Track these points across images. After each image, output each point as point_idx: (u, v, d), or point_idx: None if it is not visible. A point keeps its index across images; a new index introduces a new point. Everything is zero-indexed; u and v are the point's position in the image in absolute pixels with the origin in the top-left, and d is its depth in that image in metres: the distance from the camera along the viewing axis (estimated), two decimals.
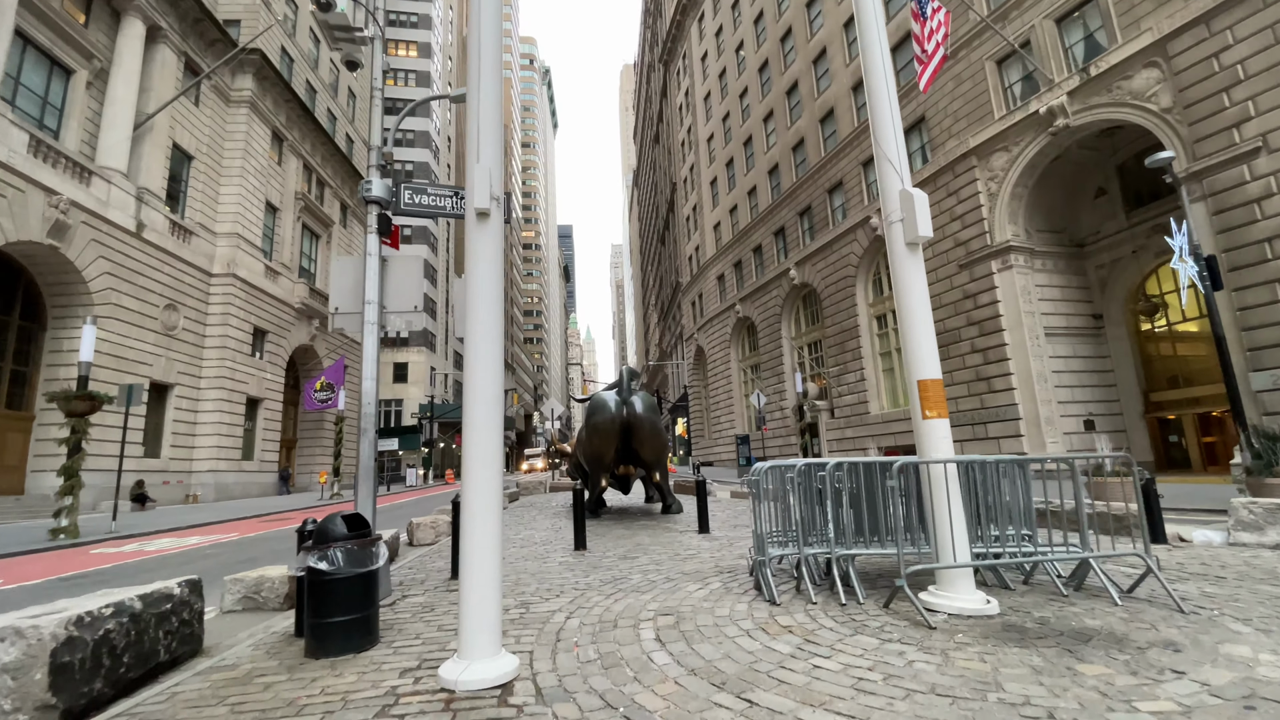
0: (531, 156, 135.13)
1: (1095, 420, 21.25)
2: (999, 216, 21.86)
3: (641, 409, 9.62)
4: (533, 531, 9.23)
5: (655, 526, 8.99)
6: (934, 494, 4.11)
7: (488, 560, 3.24)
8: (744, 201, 40.65)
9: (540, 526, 9.80)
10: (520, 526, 10.02)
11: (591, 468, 10.08)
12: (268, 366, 29.43)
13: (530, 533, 9.12)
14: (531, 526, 9.84)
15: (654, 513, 10.89)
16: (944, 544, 4.01)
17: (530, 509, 13.54)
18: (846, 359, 29.42)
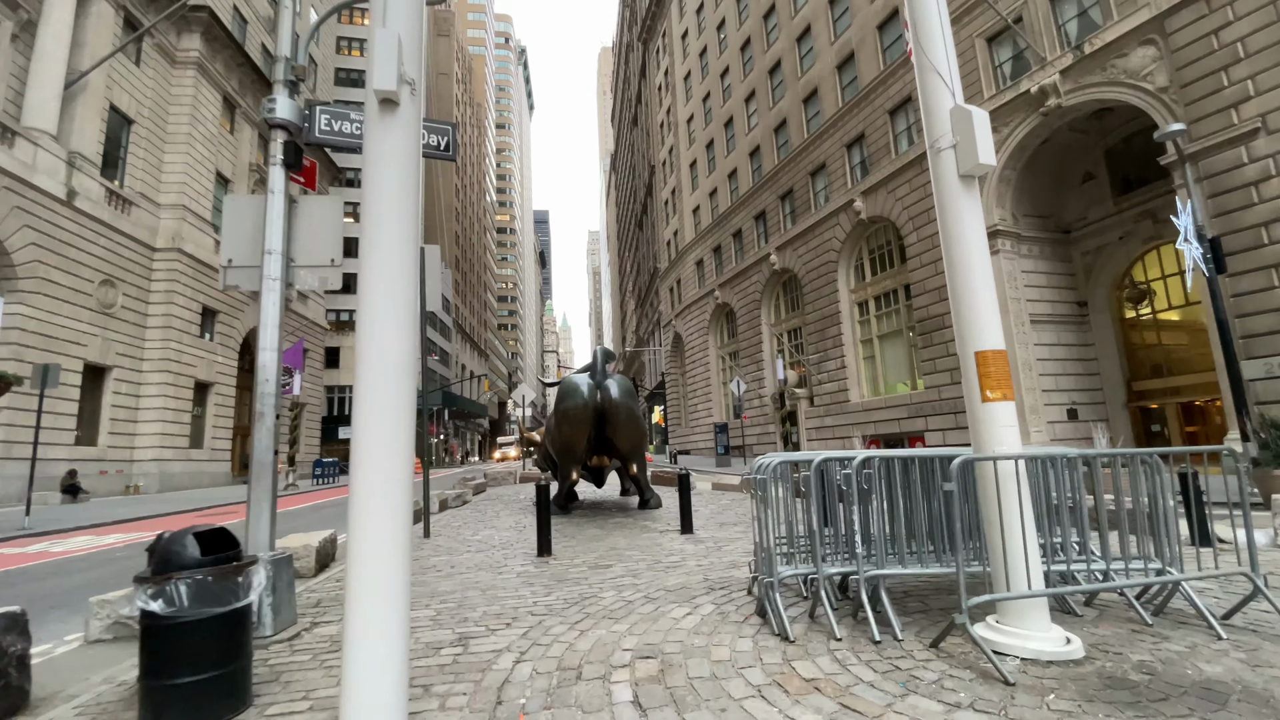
0: (506, 138, 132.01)
1: (1078, 409, 20.92)
2: (986, 199, 21.21)
3: (617, 394, 8.61)
4: (493, 531, 8.16)
5: (632, 525, 8.00)
6: (1003, 499, 3.17)
7: (385, 621, 2.18)
8: (724, 185, 39.66)
9: (502, 525, 8.73)
10: (480, 524, 8.95)
11: (561, 459, 9.04)
12: (219, 349, 27.61)
13: (490, 533, 8.05)
14: (492, 524, 8.77)
15: (630, 508, 9.91)
16: (1014, 564, 3.08)
17: (495, 503, 12.46)
18: (827, 346, 28.78)
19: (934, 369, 22.81)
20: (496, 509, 11.01)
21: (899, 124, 25.30)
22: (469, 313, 79.97)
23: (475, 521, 9.24)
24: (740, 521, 7.86)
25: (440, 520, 9.66)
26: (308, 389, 35.45)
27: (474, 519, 9.59)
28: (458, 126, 59.94)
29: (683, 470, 7.19)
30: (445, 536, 7.81)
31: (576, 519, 8.75)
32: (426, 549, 6.91)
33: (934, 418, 22.80)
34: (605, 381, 8.76)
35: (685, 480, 7.11)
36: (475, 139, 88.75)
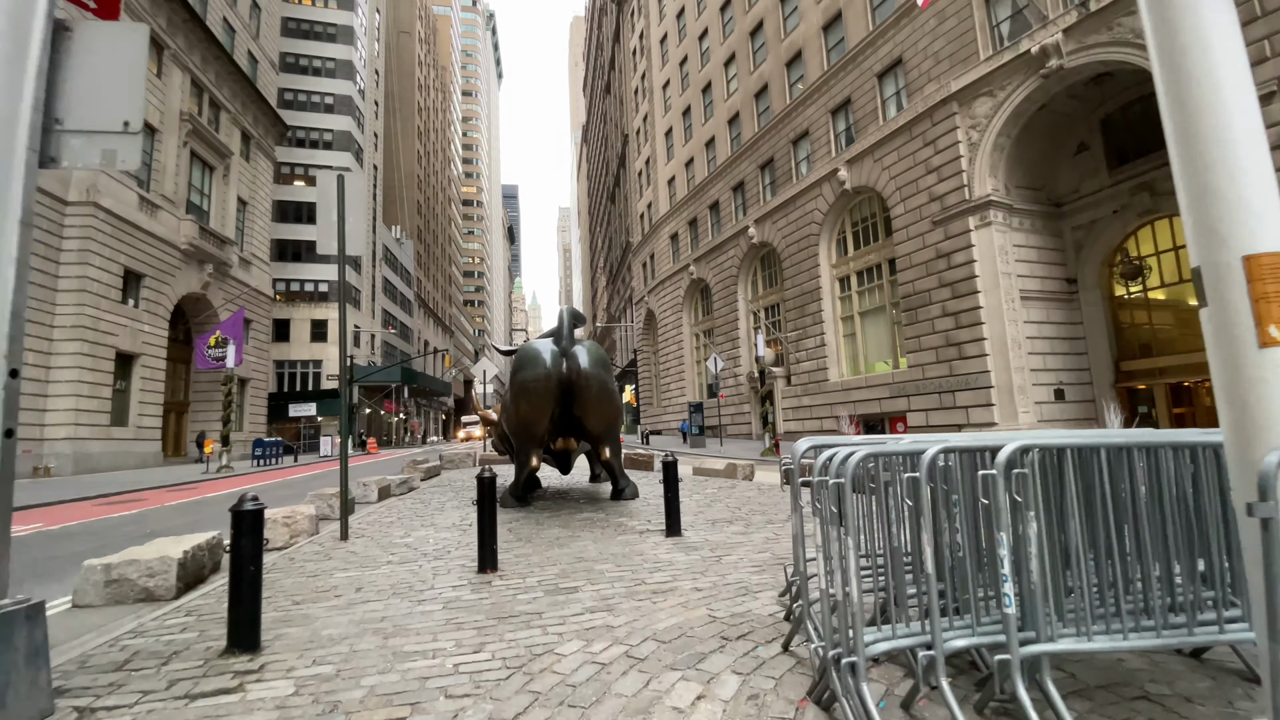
0: (473, 106, 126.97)
1: (1065, 390, 20.23)
2: (979, 169, 20.11)
3: (587, 363, 7.06)
4: (430, 530, 6.57)
5: (605, 522, 6.51)
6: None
7: None
8: (701, 154, 37.94)
9: (445, 521, 7.14)
10: (418, 520, 7.35)
11: (519, 441, 7.47)
12: (145, 317, 24.98)
13: (426, 532, 6.46)
14: (432, 521, 7.17)
15: (601, 498, 8.42)
16: None
17: (444, 490, 10.84)
18: (806, 323, 27.65)
19: (918, 347, 21.84)
20: (444, 498, 9.41)
21: (888, 88, 23.95)
22: (432, 287, 76.86)
23: (414, 515, 7.63)
24: (735, 518, 6.44)
25: (371, 514, 8.02)
26: (250, 363, 32.87)
27: (413, 512, 7.98)
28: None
29: (668, 456, 5.69)
30: (368, 538, 6.20)
31: (537, 513, 7.22)
32: (336, 558, 5.30)
33: (917, 398, 21.89)
34: (573, 348, 7.20)
35: (672, 470, 5.62)
36: (439, 104, 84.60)
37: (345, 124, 47.08)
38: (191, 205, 29.06)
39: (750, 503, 7.55)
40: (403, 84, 66.45)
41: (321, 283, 44.34)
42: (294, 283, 44.13)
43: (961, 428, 20.08)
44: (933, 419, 21.25)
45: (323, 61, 47.51)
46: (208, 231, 28.77)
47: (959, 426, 20.20)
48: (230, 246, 30.71)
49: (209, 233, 28.88)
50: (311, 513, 6.92)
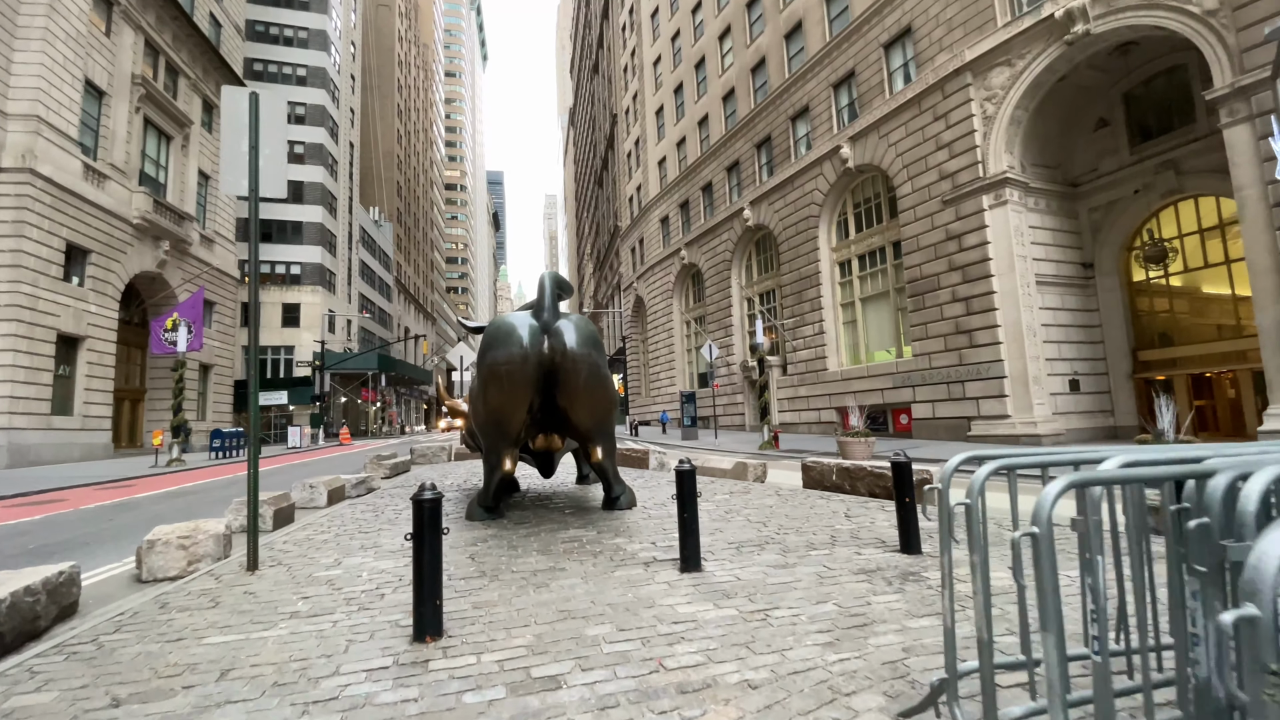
0: (456, 88, 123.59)
1: (1080, 380, 19.13)
2: (994, 144, 18.81)
3: (574, 341, 5.60)
4: (369, 555, 5.08)
5: (598, 546, 5.06)
6: None
7: None
8: (693, 133, 36.31)
9: (392, 541, 5.62)
10: (362, 536, 5.85)
11: (489, 439, 5.99)
12: (91, 296, 22.95)
13: (363, 558, 4.97)
14: (377, 540, 5.65)
15: (591, 506, 6.96)
16: None
17: (408, 492, 9.30)
18: (804, 310, 26.34)
19: (925, 334, 20.60)
20: (403, 505, 7.91)
21: (895, 59, 22.53)
22: (413, 272, 74.52)
23: (358, 530, 6.12)
24: (764, 539, 5.02)
25: (308, 527, 6.52)
26: (214, 348, 30.87)
27: (359, 525, 6.47)
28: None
29: (684, 463, 4.23)
30: (284, 567, 4.69)
31: (510, 529, 5.73)
32: (225, 605, 3.80)
33: (923, 388, 20.69)
34: (557, 323, 5.72)
35: (688, 481, 4.17)
36: (421, 82, 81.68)
37: (319, 98, 44.68)
38: (146, 177, 26.91)
39: (774, 514, 6.14)
40: (381, 59, 63.74)
41: (294, 264, 42.14)
42: (264, 264, 41.86)
43: (971, 420, 18.92)
44: (940, 410, 20.08)
45: (295, 30, 44.95)
46: (164, 205, 26.66)
47: (968, 419, 19.05)
48: (190, 223, 28.60)
49: (165, 207, 26.77)
50: (219, 530, 5.38)
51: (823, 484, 7.63)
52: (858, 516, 5.89)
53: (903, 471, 4.57)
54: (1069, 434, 18.08)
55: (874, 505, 6.47)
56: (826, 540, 4.96)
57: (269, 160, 5.25)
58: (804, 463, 7.92)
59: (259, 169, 5.15)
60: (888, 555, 4.43)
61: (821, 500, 6.89)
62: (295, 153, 43.26)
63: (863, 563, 4.24)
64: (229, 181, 5.17)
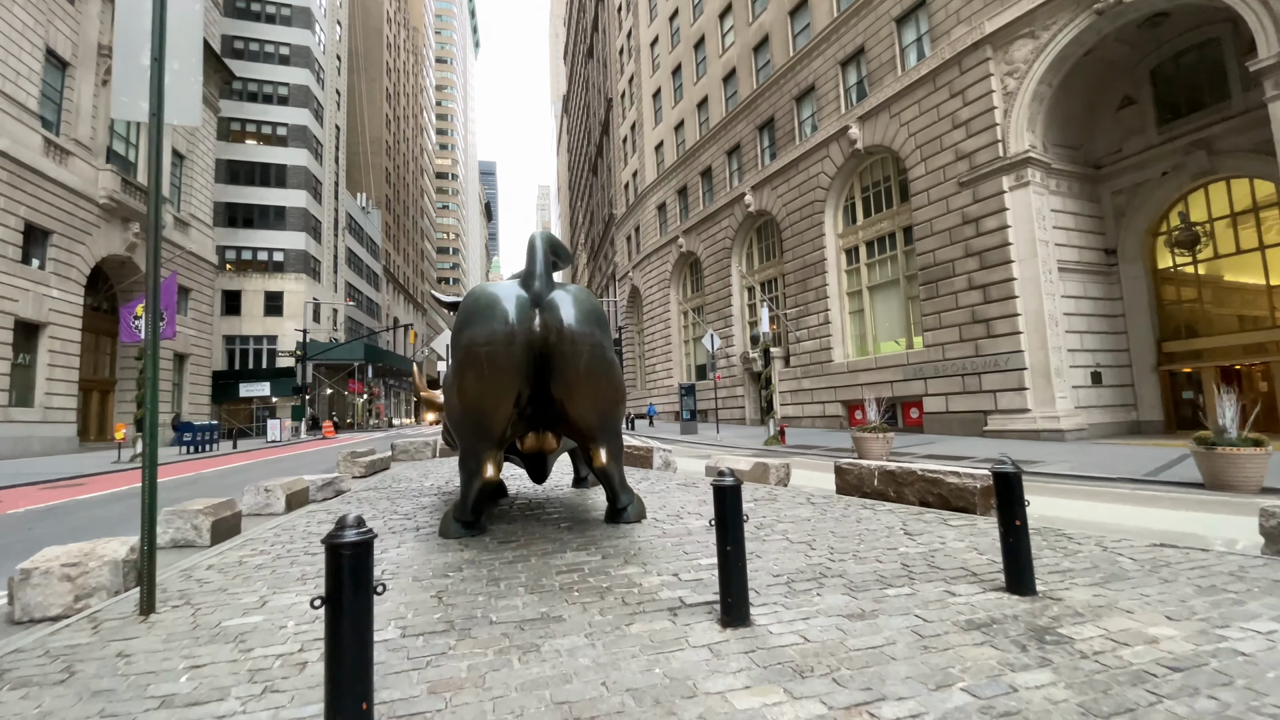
0: (447, 74, 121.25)
1: (1102, 372, 18.16)
2: (1016, 122, 17.71)
3: (574, 317, 4.47)
4: (302, 592, 3.93)
5: (605, 579, 3.92)
6: None
7: None
8: (692, 116, 35.02)
9: None
10: (301, 561, 4.70)
11: (465, 438, 4.85)
12: (53, 280, 21.52)
13: (295, 596, 3.82)
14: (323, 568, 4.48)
15: (592, 519, 5.84)
16: None
17: (381, 497, 8.19)
18: (808, 299, 25.25)
19: (938, 324, 19.57)
20: (375, 512, 6.76)
21: (908, 33, 21.36)
22: (403, 261, 72.88)
23: (306, 549, 4.96)
24: (820, 570, 3.92)
25: (246, 543, 5.37)
26: (189, 337, 29.44)
27: (312, 539, 5.33)
28: None
29: (728, 477, 3.08)
30: (193, 609, 3.54)
31: (493, 553, 4.61)
32: (78, 679, 2.65)
33: (935, 380, 19.68)
34: (552, 294, 4.58)
35: (731, 502, 3.02)
36: (411, 67, 79.64)
37: (303, 77, 42.96)
38: (114, 154, 25.40)
39: (818, 531, 5.02)
40: (369, 41, 61.83)
41: (276, 251, 40.58)
42: (245, 251, 40.31)
43: (988, 414, 17.94)
44: (954, 404, 19.09)
45: (277, 7, 43.15)
46: (133, 185, 25.17)
47: (984, 413, 18.06)
48: (163, 204, 27.05)
49: (135, 186, 25.28)
50: (119, 555, 4.21)
51: (861, 489, 6.53)
52: (921, 535, 4.79)
53: (1011, 485, 3.45)
54: (1091, 429, 17.13)
55: (932, 519, 5.38)
56: (899, 571, 3.85)
57: (178, 78, 4.05)
58: (838, 464, 6.82)
59: (164, 88, 3.95)
60: (993, 598, 3.32)
61: (866, 511, 5.79)
62: (278, 134, 41.61)
63: (965, 609, 3.14)
64: (123, 104, 3.97)
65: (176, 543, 5.96)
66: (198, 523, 5.99)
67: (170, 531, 6.01)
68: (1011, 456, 3.82)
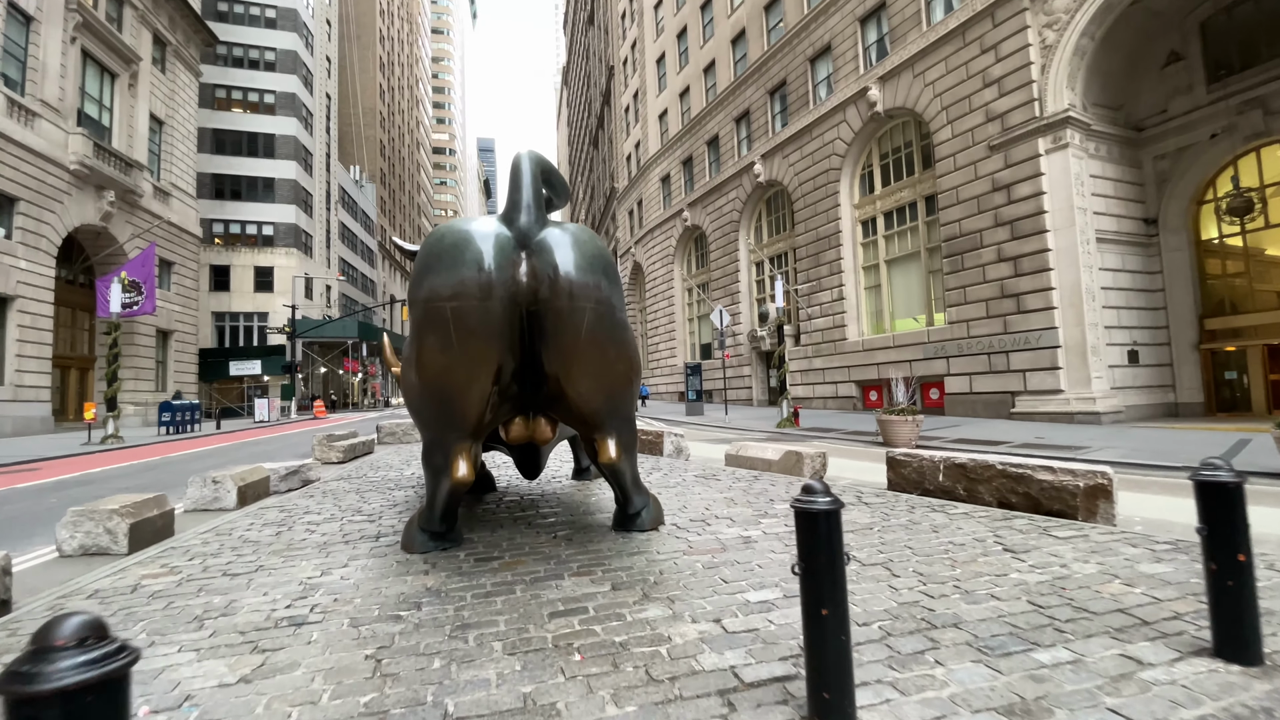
0: (444, 46, 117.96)
1: (1139, 350, 16.99)
2: (1054, 78, 16.28)
3: (571, 263, 3.29)
4: (170, 653, 2.77)
5: (615, 634, 2.76)
6: None
7: None
8: (698, 82, 33.34)
9: (261, 603, 3.35)
10: (213, 589, 3.57)
11: (431, 426, 3.68)
12: (21, 250, 20.26)
13: (166, 659, 2.66)
14: (232, 603, 3.36)
15: (597, 524, 4.73)
16: None
17: (352, 488, 7.11)
18: (822, 274, 23.98)
19: (963, 299, 18.35)
20: (333, 513, 5.66)
21: None
22: (399, 237, 71.21)
23: (227, 570, 3.84)
24: (923, 609, 2.79)
25: (166, 555, 4.29)
26: (173, 312, 28.21)
27: (242, 553, 4.22)
28: None
29: (820, 495, 1.91)
30: None
31: (466, 574, 3.49)
32: None
33: (958, 359, 18.51)
34: (544, 233, 3.40)
35: (826, 531, 1.87)
36: (406, 35, 77.05)
37: (290, 42, 41.05)
38: (86, 118, 23.94)
39: (890, 545, 3.88)
40: (361, 6, 59.50)
41: (266, 224, 39.11)
42: (233, 224, 38.85)
43: (1016, 396, 16.81)
44: (978, 385, 17.95)
45: None
46: (106, 150, 23.74)
47: (1012, 394, 16.93)
48: (140, 172, 25.68)
49: (108, 152, 23.86)
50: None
51: (922, 485, 5.41)
52: (1027, 552, 3.66)
53: (1229, 501, 2.30)
54: (1127, 411, 16.01)
55: (1026, 527, 4.26)
56: (1034, 616, 2.73)
57: None
58: (891, 455, 5.69)
59: None
60: (1203, 670, 2.21)
61: (938, 515, 4.67)
62: (265, 102, 39.89)
63: (1177, 694, 2.03)
64: None
65: (86, 550, 4.87)
66: (112, 526, 4.88)
67: (79, 537, 4.90)
68: (1049, 439, 2.61)
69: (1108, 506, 4.43)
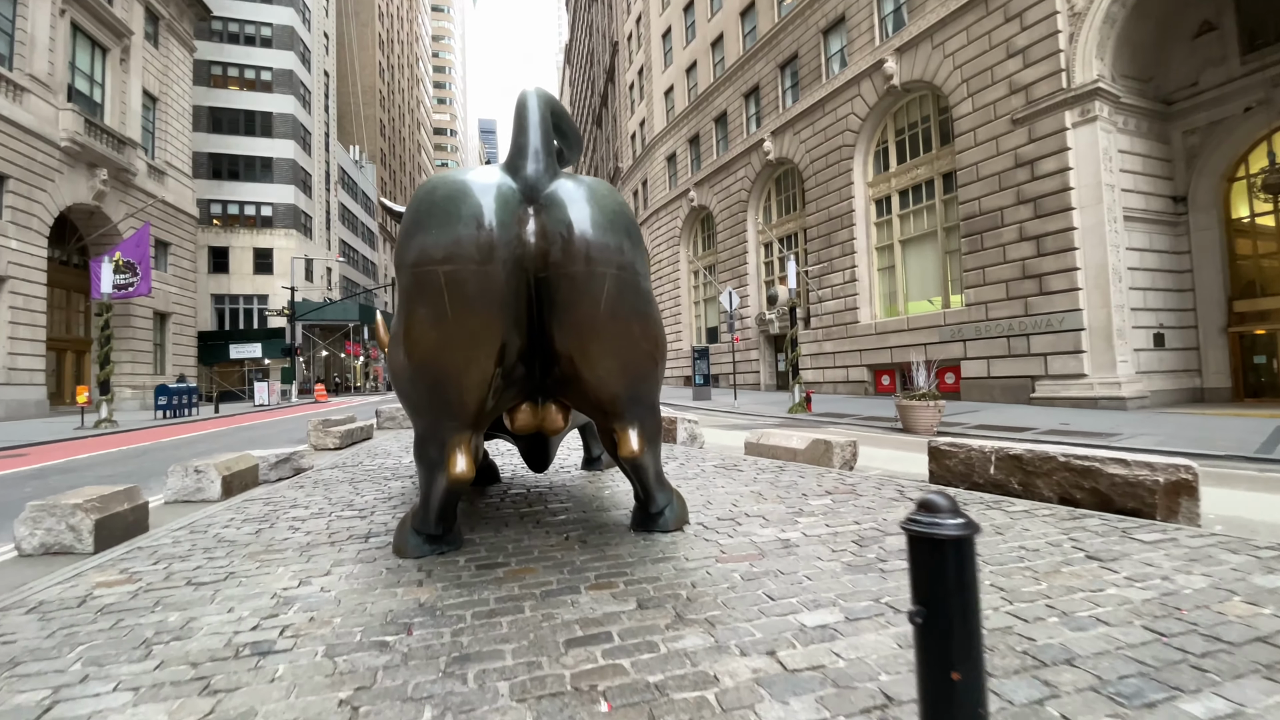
0: (445, 24, 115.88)
1: (1164, 334, 16.40)
2: (1083, 47, 15.49)
3: (589, 221, 2.74)
4: (103, 691, 2.27)
5: (645, 665, 2.30)
6: None
7: None
8: (705, 56, 32.36)
9: (226, 621, 2.87)
10: (174, 602, 3.13)
11: (424, 413, 3.16)
12: (11, 230, 19.74)
13: (99, 699, 2.16)
14: (191, 621, 2.87)
15: (614, 524, 4.24)
16: None
17: (345, 478, 6.67)
18: (833, 254, 23.32)
19: (981, 280, 17.73)
20: (326, 504, 5.19)
21: None
22: None
23: (192, 579, 3.36)
24: (1025, 642, 2.23)
25: (130, 558, 3.87)
26: (170, 294, 27.73)
27: (214, 556, 3.76)
28: None
29: (946, 513, 1.39)
30: None
31: (463, 586, 2.99)
32: None
33: (975, 343, 17.94)
34: (554, 185, 2.86)
35: (956, 562, 1.36)
36: (405, 12, 75.50)
37: (286, 17, 40.03)
38: (77, 93, 23.25)
39: None
40: None
41: (264, 205, 38.44)
42: (231, 205, 38.20)
43: (1036, 380, 16.26)
44: (995, 369, 17.40)
45: None
46: (98, 127, 23.09)
47: (1032, 379, 16.38)
48: (133, 149, 25.03)
49: (100, 129, 23.20)
50: None
51: (970, 479, 4.90)
52: (1115, 561, 3.15)
53: None
54: (1152, 396, 15.46)
55: (1101, 528, 3.75)
56: (1159, 648, 2.23)
57: None
58: (934, 446, 5.18)
59: None
60: None
61: (998, 514, 4.16)
62: (262, 79, 38.99)
63: None
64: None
65: (49, 549, 4.41)
66: (75, 522, 4.41)
67: (39, 534, 4.44)
68: (1076, 425, 2.09)
69: (1191, 505, 3.92)
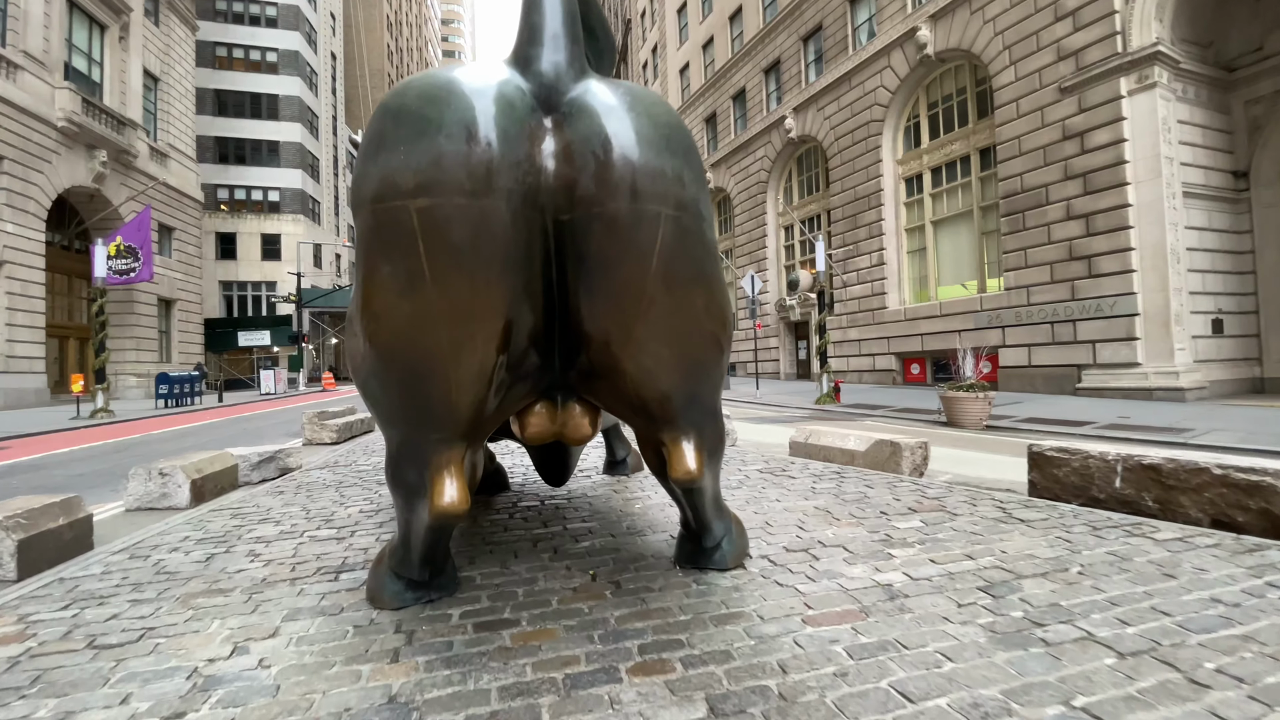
0: (454, 6, 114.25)
1: (1223, 319, 15.22)
2: (1141, 7, 14.23)
3: (631, 138, 1.74)
4: None
5: None
6: None
7: None
8: (723, 31, 31.05)
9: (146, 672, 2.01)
10: (87, 661, 2.25)
11: (395, 418, 2.22)
12: (7, 213, 19.14)
13: None
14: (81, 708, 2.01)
15: (652, 554, 3.32)
16: None
17: (337, 481, 5.88)
18: (859, 237, 22.20)
19: (1023, 263, 16.60)
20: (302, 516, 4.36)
21: None
22: None
23: (112, 619, 2.53)
24: None
25: (61, 586, 3.00)
26: (175, 280, 27.16)
27: (144, 590, 2.88)
28: None
29: None
30: None
31: (457, 669, 2.03)
32: None
33: (1015, 329, 16.85)
34: (578, 87, 1.91)
35: None
36: None
37: None
38: (74, 72, 22.54)
39: (1121, 600, 2.46)
40: None
41: (272, 190, 37.77)
42: (238, 190, 37.56)
43: (1083, 369, 15.17)
44: (1037, 357, 16.32)
45: None
46: (97, 107, 22.39)
47: (1078, 368, 15.30)
48: (134, 130, 24.34)
49: (99, 109, 22.50)
50: None
51: (1087, 493, 3.96)
52: None
53: None
54: (1210, 387, 14.32)
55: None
56: None
57: None
58: (1036, 451, 4.25)
59: None
60: None
61: (1140, 541, 3.24)
62: (267, 60, 38.15)
63: None
64: None
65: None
66: (19, 527, 3.61)
67: None
68: (1136, 419, 1.12)
69: None
